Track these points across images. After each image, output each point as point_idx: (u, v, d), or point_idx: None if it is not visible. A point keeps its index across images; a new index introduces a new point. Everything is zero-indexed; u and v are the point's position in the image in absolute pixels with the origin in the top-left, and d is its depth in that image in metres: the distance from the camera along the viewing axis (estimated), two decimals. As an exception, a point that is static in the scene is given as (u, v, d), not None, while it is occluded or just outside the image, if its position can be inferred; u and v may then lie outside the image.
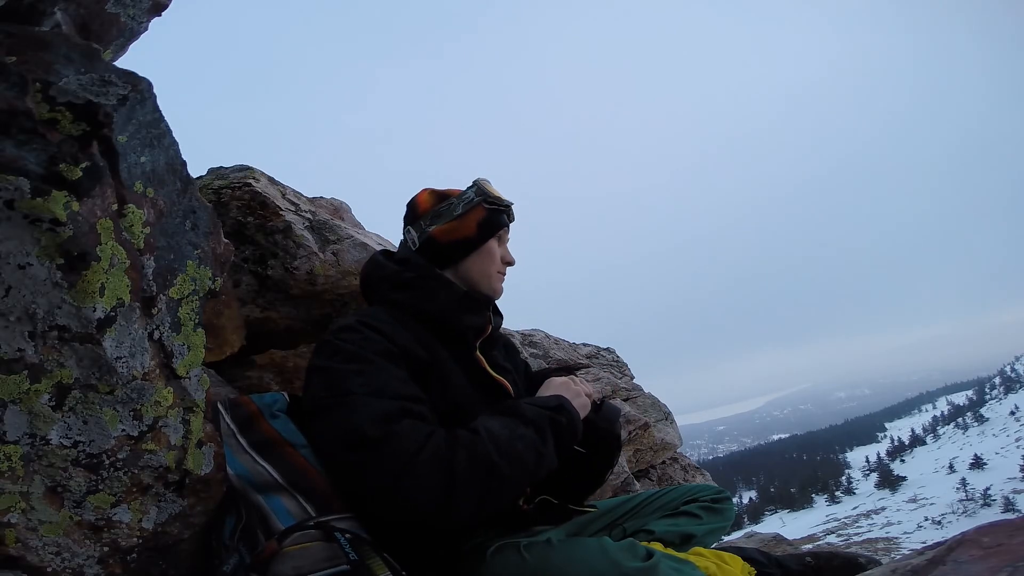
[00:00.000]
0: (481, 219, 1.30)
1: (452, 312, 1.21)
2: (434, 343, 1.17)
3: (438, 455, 0.94)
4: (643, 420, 3.07)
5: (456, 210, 1.31)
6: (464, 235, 1.30)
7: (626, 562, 0.96)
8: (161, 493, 0.87)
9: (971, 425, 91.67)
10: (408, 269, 1.27)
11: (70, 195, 0.71)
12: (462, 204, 1.31)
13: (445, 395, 1.11)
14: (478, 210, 1.31)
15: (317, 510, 0.94)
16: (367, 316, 1.15)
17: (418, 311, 1.21)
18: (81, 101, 0.75)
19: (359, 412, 0.96)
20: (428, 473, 0.92)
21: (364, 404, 0.96)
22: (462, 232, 1.30)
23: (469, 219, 1.30)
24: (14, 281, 0.70)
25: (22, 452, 0.72)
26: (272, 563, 0.84)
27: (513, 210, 1.38)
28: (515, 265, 1.39)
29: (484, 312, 1.28)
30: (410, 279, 1.25)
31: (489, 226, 1.31)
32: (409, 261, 1.29)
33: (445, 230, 1.30)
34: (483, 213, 1.31)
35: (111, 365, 0.77)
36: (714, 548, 1.31)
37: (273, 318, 1.75)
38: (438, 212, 1.32)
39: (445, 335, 1.21)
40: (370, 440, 0.92)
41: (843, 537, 45.15)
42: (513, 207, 1.38)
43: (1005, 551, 0.94)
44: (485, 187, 1.32)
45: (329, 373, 1.04)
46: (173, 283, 0.90)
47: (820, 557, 1.42)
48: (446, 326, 1.21)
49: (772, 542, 2.92)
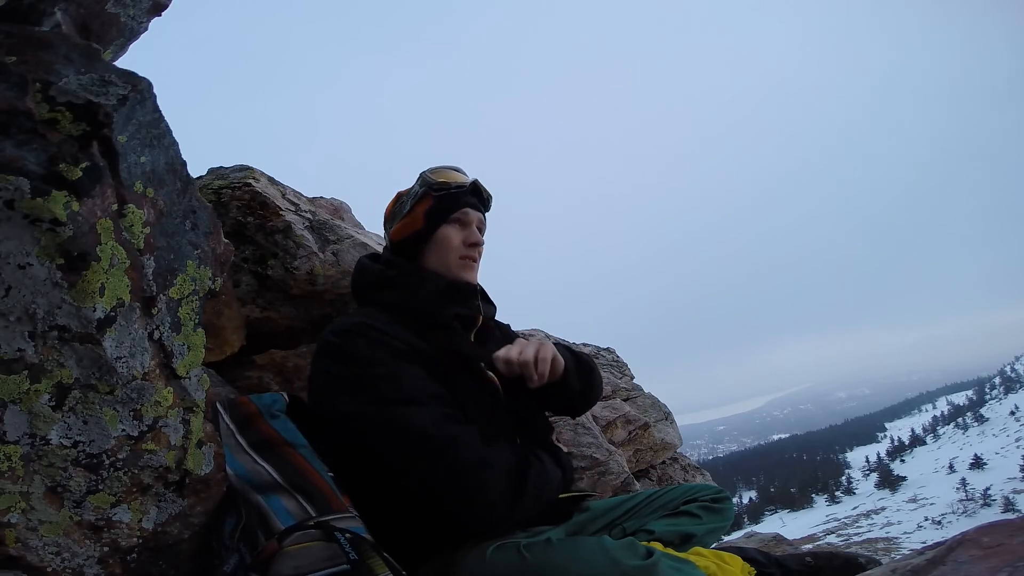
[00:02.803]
0: (427, 208, 1.31)
1: (436, 304, 1.22)
2: (430, 337, 1.18)
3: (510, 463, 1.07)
4: (643, 420, 3.07)
5: (405, 206, 1.34)
6: (414, 229, 1.31)
7: (626, 561, 0.96)
8: (161, 493, 0.87)
9: (971, 425, 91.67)
10: (390, 268, 1.29)
11: (70, 195, 0.71)
12: (410, 199, 1.34)
13: (449, 387, 1.12)
14: (425, 200, 1.32)
15: (317, 510, 0.94)
16: (365, 317, 1.16)
17: (405, 308, 1.22)
18: (81, 101, 0.75)
19: (414, 419, 1.02)
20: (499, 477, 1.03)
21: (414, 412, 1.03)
22: (413, 226, 1.32)
23: (416, 211, 1.32)
24: (14, 281, 0.70)
25: (22, 452, 0.72)
26: (272, 563, 0.84)
27: (478, 188, 1.35)
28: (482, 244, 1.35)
29: (470, 301, 1.28)
30: (393, 277, 1.27)
31: (437, 213, 1.30)
32: (391, 261, 1.32)
33: (399, 228, 1.33)
34: (429, 202, 1.31)
35: (111, 365, 0.77)
36: (714, 548, 1.30)
37: (273, 318, 1.75)
38: (395, 212, 1.36)
39: (436, 328, 1.21)
40: (439, 444, 1.01)
41: (843, 537, 45.16)
42: (473, 186, 1.34)
43: (1005, 551, 0.94)
44: (429, 176, 1.32)
45: (354, 382, 1.07)
46: (173, 283, 0.90)
47: (820, 557, 1.42)
48: (434, 319, 1.22)
49: (772, 542, 2.92)
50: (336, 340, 1.12)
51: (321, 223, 1.87)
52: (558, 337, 3.51)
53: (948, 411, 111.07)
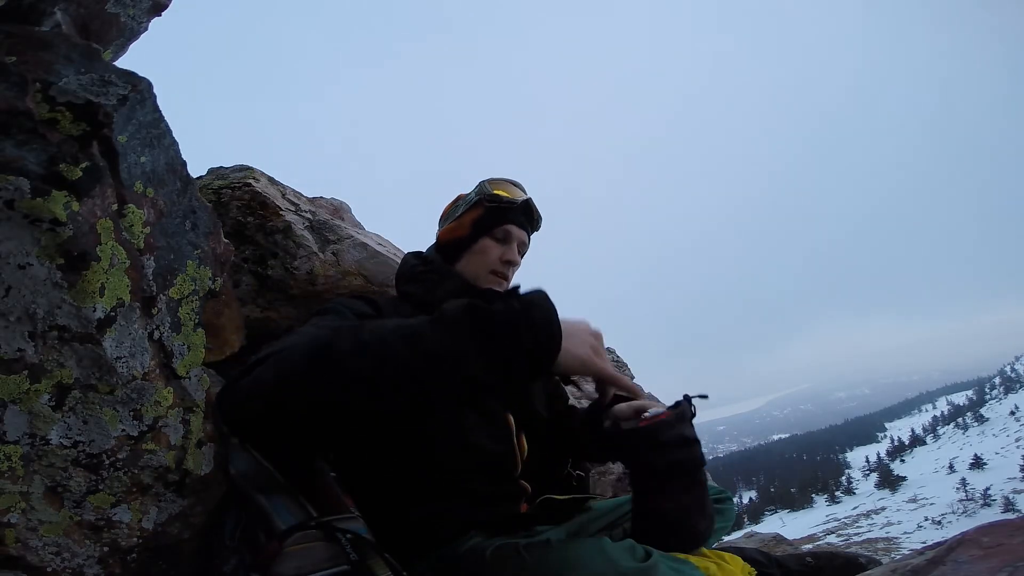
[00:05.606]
0: (476, 218, 1.33)
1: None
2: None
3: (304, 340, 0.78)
4: (643, 420, 3.07)
5: (458, 211, 1.36)
6: (459, 234, 1.34)
7: (625, 562, 0.95)
8: (161, 493, 0.87)
9: (971, 425, 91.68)
10: (421, 264, 1.33)
11: (70, 195, 0.71)
12: (464, 204, 1.36)
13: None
14: (476, 209, 1.34)
15: (319, 510, 0.94)
16: (373, 295, 1.21)
17: (423, 302, 1.24)
18: (81, 101, 0.75)
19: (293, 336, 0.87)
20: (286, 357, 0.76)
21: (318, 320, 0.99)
22: (458, 231, 1.34)
23: (465, 218, 1.34)
24: (14, 281, 0.69)
25: (22, 452, 0.72)
26: (273, 563, 0.84)
27: (529, 208, 1.36)
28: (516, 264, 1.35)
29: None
30: (420, 272, 1.30)
31: (483, 224, 1.32)
32: (425, 258, 1.35)
33: (447, 230, 1.36)
34: (479, 212, 1.33)
35: (111, 365, 0.77)
36: (714, 548, 1.30)
37: (273, 318, 1.75)
38: (448, 214, 1.40)
39: None
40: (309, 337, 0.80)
41: (843, 537, 45.15)
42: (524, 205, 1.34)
43: (1005, 551, 0.94)
44: (486, 186, 1.35)
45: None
46: (173, 283, 0.90)
47: (820, 557, 1.42)
48: None
49: (772, 542, 2.92)
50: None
51: (321, 223, 1.87)
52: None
53: (948, 411, 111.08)
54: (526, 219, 1.36)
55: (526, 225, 1.37)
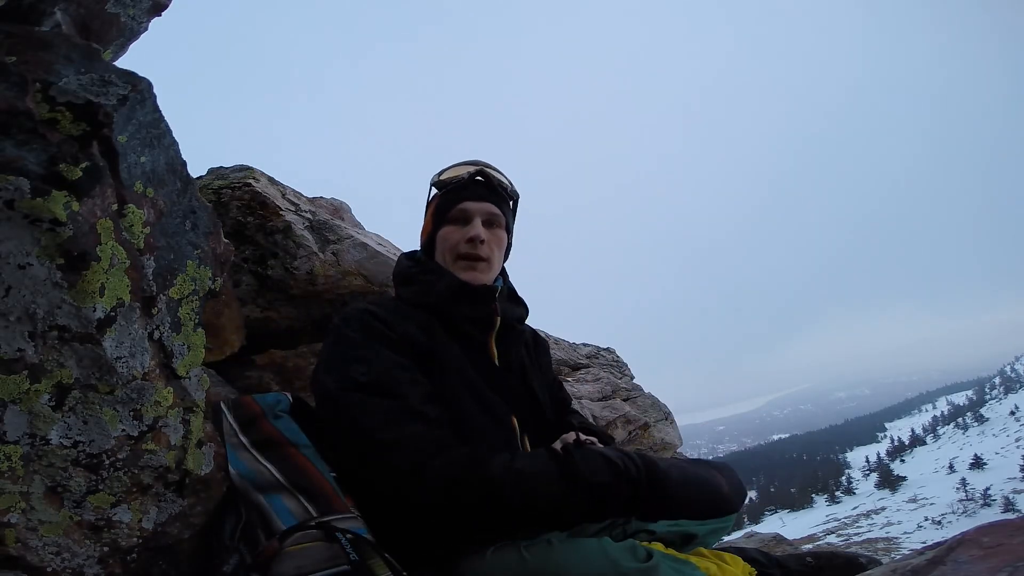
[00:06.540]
0: (434, 208, 1.32)
1: (447, 302, 1.22)
2: (440, 332, 1.19)
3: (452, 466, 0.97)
4: (643, 420, 3.07)
5: (427, 208, 1.36)
6: (427, 229, 1.34)
7: (626, 563, 0.95)
8: (161, 493, 0.87)
9: (971, 425, 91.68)
10: (414, 264, 1.32)
11: (70, 195, 0.71)
12: (428, 201, 1.36)
13: (444, 380, 1.12)
14: (434, 200, 1.34)
15: (319, 510, 0.94)
16: (373, 304, 1.19)
17: (420, 304, 1.23)
18: (81, 101, 0.75)
19: (366, 411, 1.00)
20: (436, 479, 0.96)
21: (369, 403, 1.01)
22: (426, 228, 1.35)
23: (428, 213, 1.35)
24: (14, 281, 0.69)
25: (22, 452, 0.72)
26: (273, 563, 0.84)
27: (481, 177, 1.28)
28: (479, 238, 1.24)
29: (481, 303, 1.25)
30: (414, 274, 1.29)
31: (440, 212, 1.30)
32: (417, 258, 1.35)
33: (421, 229, 1.37)
34: (436, 201, 1.32)
35: (111, 365, 0.77)
36: (715, 548, 1.30)
37: (273, 318, 1.75)
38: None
39: (449, 327, 1.22)
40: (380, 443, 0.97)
41: (843, 537, 45.16)
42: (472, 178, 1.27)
43: (1005, 551, 0.94)
44: (435, 176, 1.34)
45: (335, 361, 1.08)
46: (173, 283, 0.90)
47: (820, 557, 1.42)
48: (444, 317, 1.22)
49: (772, 542, 2.92)
50: (338, 323, 1.15)
51: (321, 223, 1.87)
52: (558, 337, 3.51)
53: (948, 411, 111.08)
54: (485, 190, 1.29)
55: (486, 196, 1.29)
